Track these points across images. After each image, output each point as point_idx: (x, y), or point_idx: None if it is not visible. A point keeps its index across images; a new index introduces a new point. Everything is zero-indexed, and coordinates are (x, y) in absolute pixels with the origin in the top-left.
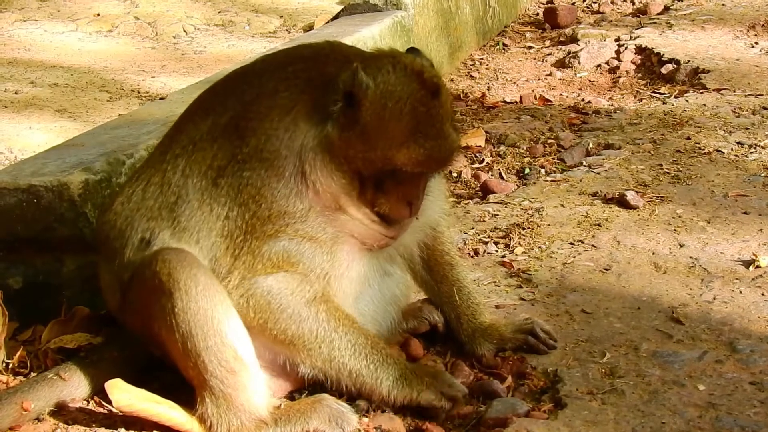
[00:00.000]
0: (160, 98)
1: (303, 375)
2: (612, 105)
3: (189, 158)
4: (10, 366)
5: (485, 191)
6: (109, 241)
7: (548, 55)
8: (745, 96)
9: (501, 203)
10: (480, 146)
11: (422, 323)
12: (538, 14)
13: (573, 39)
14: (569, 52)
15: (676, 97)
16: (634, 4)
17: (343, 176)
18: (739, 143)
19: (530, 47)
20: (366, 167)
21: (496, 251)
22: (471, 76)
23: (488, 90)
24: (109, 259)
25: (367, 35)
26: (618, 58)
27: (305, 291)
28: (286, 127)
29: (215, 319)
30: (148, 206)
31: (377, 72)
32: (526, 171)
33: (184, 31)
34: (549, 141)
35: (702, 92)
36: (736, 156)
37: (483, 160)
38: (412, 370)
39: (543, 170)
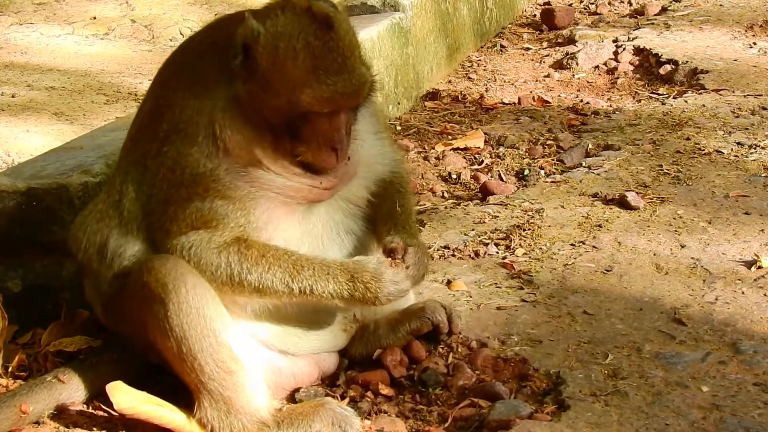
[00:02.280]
0: None
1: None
2: (611, 106)
3: (126, 153)
4: (10, 369)
5: (485, 193)
6: (76, 257)
7: (546, 56)
8: (744, 96)
9: (501, 204)
10: (479, 147)
11: (425, 323)
12: (535, 15)
13: (570, 40)
14: (567, 54)
15: (674, 98)
16: (631, 5)
17: (253, 130)
18: (739, 144)
19: (528, 49)
20: (275, 116)
21: (497, 253)
22: (469, 77)
23: (486, 91)
24: (85, 271)
25: (365, 37)
26: (616, 59)
27: (215, 238)
28: (196, 94)
29: (207, 318)
30: (98, 210)
31: (266, 18)
32: (526, 172)
33: (181, 33)
34: (548, 142)
35: (701, 93)
36: (736, 156)
37: (482, 161)
38: (346, 284)
39: (542, 171)
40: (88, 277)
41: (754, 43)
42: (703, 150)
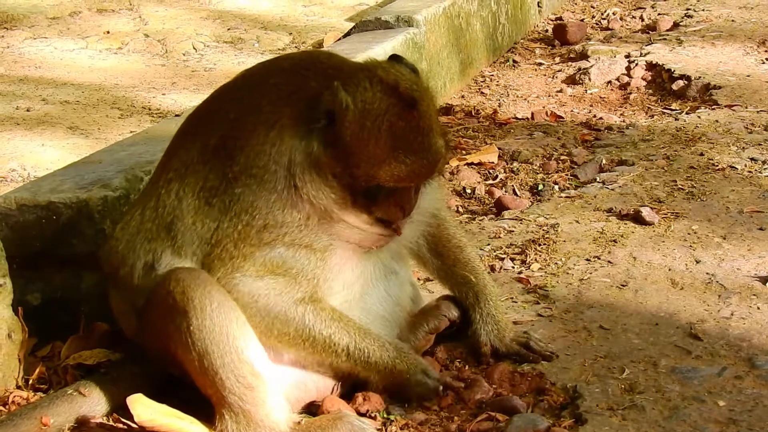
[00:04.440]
0: (176, 115)
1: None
2: (624, 121)
3: (182, 182)
4: (30, 382)
5: (499, 207)
6: (115, 269)
7: (558, 71)
8: (758, 112)
9: (516, 219)
10: (493, 162)
11: (442, 321)
12: (547, 31)
13: (583, 55)
14: (579, 69)
15: (687, 113)
16: (643, 20)
17: (332, 191)
18: (752, 159)
19: (540, 64)
20: (354, 182)
21: (513, 267)
22: (482, 92)
23: (499, 106)
24: (120, 286)
25: (380, 52)
26: (629, 75)
27: (294, 291)
28: (272, 142)
29: (231, 336)
30: (146, 228)
31: (355, 90)
32: (540, 187)
33: (194, 48)
34: (562, 157)
35: (714, 108)
36: (750, 172)
37: (496, 176)
38: (393, 367)
39: (557, 186)
40: (123, 291)
41: (767, 59)
42: (717, 165)
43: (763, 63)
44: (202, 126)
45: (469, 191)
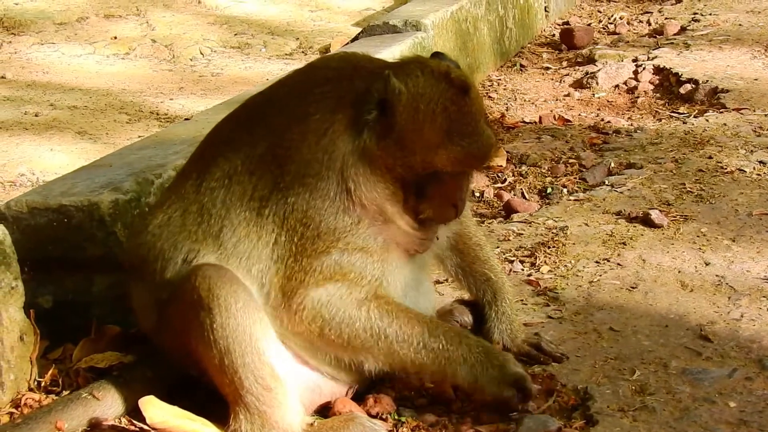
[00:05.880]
0: (186, 119)
1: (370, 371)
2: (632, 125)
3: (228, 191)
4: (42, 384)
5: (508, 210)
6: (146, 262)
7: (566, 75)
8: (765, 115)
9: (525, 222)
10: (501, 166)
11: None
12: (554, 35)
13: (590, 60)
14: (587, 73)
15: (695, 117)
16: (650, 24)
17: (386, 187)
18: (761, 162)
19: (547, 68)
20: (408, 173)
21: (522, 270)
22: (489, 96)
23: (507, 110)
24: (146, 279)
25: (388, 56)
26: (636, 79)
27: (355, 293)
28: (324, 149)
29: (254, 337)
30: (190, 230)
31: (407, 77)
32: (549, 190)
33: (201, 53)
34: (570, 161)
35: (722, 112)
36: (759, 175)
37: (505, 179)
38: (477, 356)
39: (565, 189)
40: (149, 284)
41: None
42: (726, 168)
43: None
44: (244, 135)
45: (477, 194)
